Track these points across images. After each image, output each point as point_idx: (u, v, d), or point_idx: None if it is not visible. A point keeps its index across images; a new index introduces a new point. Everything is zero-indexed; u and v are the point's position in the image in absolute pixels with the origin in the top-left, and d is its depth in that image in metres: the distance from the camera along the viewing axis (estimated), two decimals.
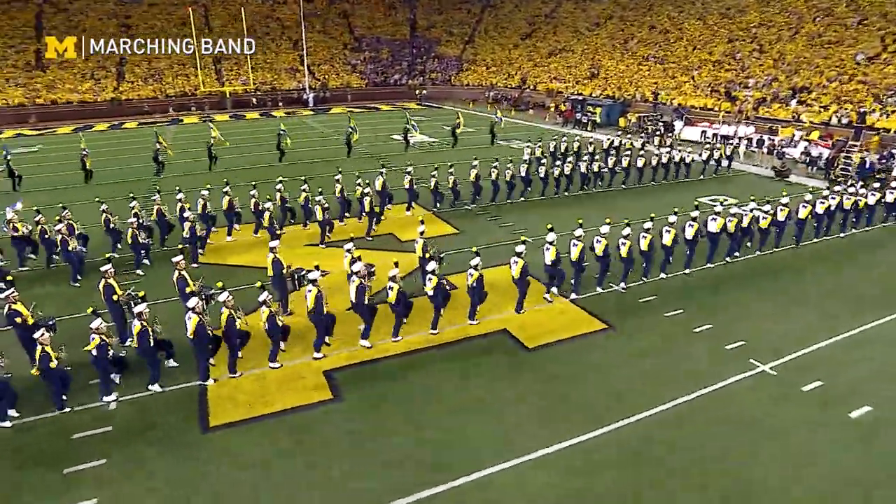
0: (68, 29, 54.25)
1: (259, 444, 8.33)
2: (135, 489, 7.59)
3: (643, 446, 7.98)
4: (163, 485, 7.65)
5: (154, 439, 8.49)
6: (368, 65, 60.98)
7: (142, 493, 7.54)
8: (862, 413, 8.51)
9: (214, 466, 7.94)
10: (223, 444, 8.39)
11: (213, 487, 7.55)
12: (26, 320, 10.05)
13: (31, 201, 19.87)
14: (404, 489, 7.34)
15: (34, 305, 10.44)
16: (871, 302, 11.99)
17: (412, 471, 7.66)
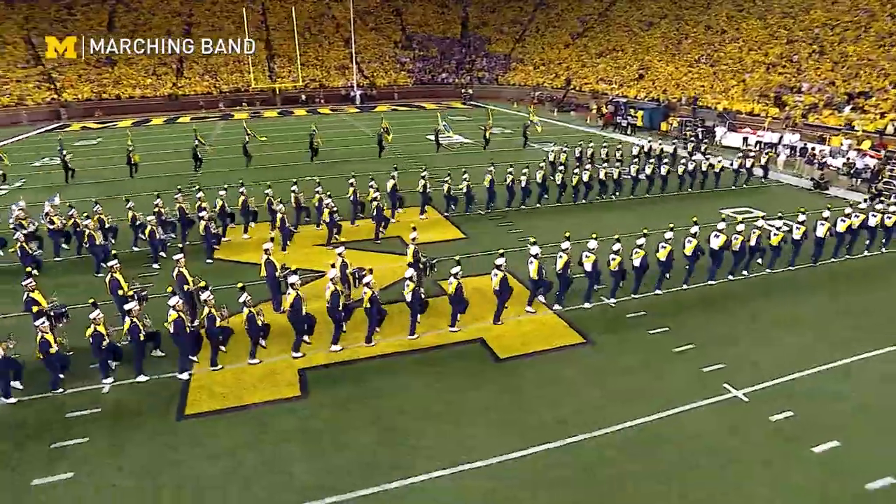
0: (136, 27, 57.72)
1: (225, 434, 8.89)
2: (108, 467, 8.29)
3: (594, 464, 8.01)
4: (133, 465, 8.33)
5: (134, 423, 9.21)
6: (417, 63, 61.65)
7: (113, 471, 8.22)
8: (826, 448, 8.20)
9: (182, 452, 8.55)
10: (193, 432, 9.00)
11: (178, 471, 8.15)
12: (42, 307, 11.01)
13: (82, 193, 21.51)
14: (347, 487, 7.68)
15: (54, 294, 11.41)
16: (867, 332, 11.37)
17: (359, 470, 8.01)
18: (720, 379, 9.85)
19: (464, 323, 11.78)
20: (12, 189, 23.39)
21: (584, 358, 10.71)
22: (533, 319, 12.07)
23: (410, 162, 26.98)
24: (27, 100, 45.27)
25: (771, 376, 9.89)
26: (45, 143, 35.75)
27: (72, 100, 46.77)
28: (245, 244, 16.64)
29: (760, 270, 14.43)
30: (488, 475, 7.87)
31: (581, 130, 36.88)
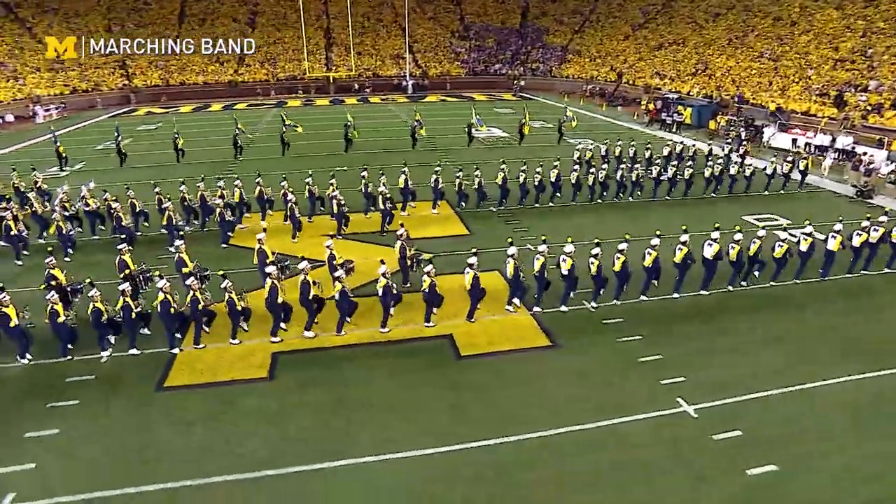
0: (206, 16, 60.81)
1: (193, 407, 9.75)
2: (90, 426, 9.34)
3: (517, 465, 8.27)
4: (112, 426, 9.34)
5: (120, 390, 10.23)
6: (472, 53, 61.63)
7: (94, 430, 9.29)
8: (760, 472, 8.06)
9: (153, 419, 9.48)
10: (167, 402, 9.92)
11: (146, 436, 9.08)
12: (60, 283, 12.26)
13: (133, 176, 23.24)
14: (286, 463, 8.32)
15: (66, 272, 12.67)
16: (847, 355, 10.84)
17: (301, 449, 8.64)
18: (675, 393, 9.78)
19: (439, 319, 12.15)
20: (73, 171, 25.53)
21: (546, 361, 10.87)
22: (506, 319, 12.29)
23: (442, 155, 27.38)
24: (102, 85, 48.81)
25: (729, 394, 9.71)
26: (110, 127, 38.54)
27: (141, 85, 50.00)
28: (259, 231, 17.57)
29: (764, 282, 13.90)
30: (413, 465, 8.28)
31: (624, 127, 36.00)
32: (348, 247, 16.01)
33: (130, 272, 12.52)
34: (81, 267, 14.60)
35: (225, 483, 8.07)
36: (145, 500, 7.85)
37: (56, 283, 12.14)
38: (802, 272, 14.12)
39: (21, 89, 43.79)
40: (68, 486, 8.13)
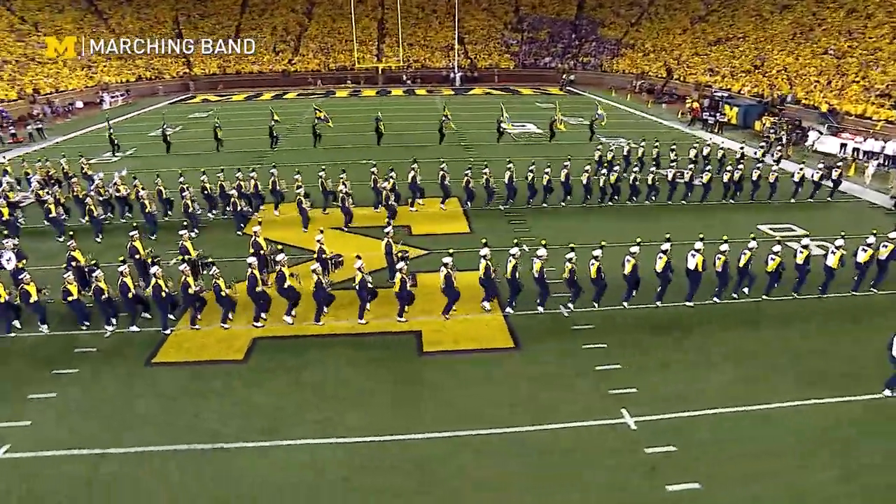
0: (266, 6, 63.22)
1: (170, 382, 10.77)
2: (83, 393, 10.52)
3: (440, 461, 8.68)
4: (102, 393, 10.48)
5: (115, 363, 11.38)
6: (524, 45, 61.17)
7: (86, 395, 10.45)
8: (681, 489, 8.13)
9: (135, 390, 10.55)
10: (151, 376, 10.98)
11: (125, 404, 10.14)
12: (80, 264, 13.57)
13: (175, 163, 24.89)
14: (232, 439, 9.13)
15: (91, 255, 13.98)
16: (813, 379, 10.48)
17: (249, 426, 9.44)
18: (622, 403, 9.88)
19: (414, 315, 12.68)
20: (124, 157, 27.55)
21: (504, 362, 11.20)
22: (477, 319, 12.65)
23: (469, 151, 27.73)
24: (165, 74, 51.85)
25: (676, 409, 9.71)
26: (167, 114, 40.98)
27: (200, 74, 52.72)
28: (274, 221, 18.62)
29: (756, 296, 13.53)
30: (345, 451, 8.89)
31: (664, 126, 35.04)
32: (351, 240, 16.77)
33: (141, 257, 13.68)
34: (108, 248, 16.01)
35: (183, 451, 8.96)
36: (119, 458, 8.85)
37: (76, 263, 13.46)
38: (801, 288, 13.66)
39: (92, 77, 47.21)
40: (56, 442, 9.24)
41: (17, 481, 8.51)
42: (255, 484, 8.32)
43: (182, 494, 8.20)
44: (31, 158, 24.74)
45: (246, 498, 8.10)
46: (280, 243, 14.50)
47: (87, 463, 8.83)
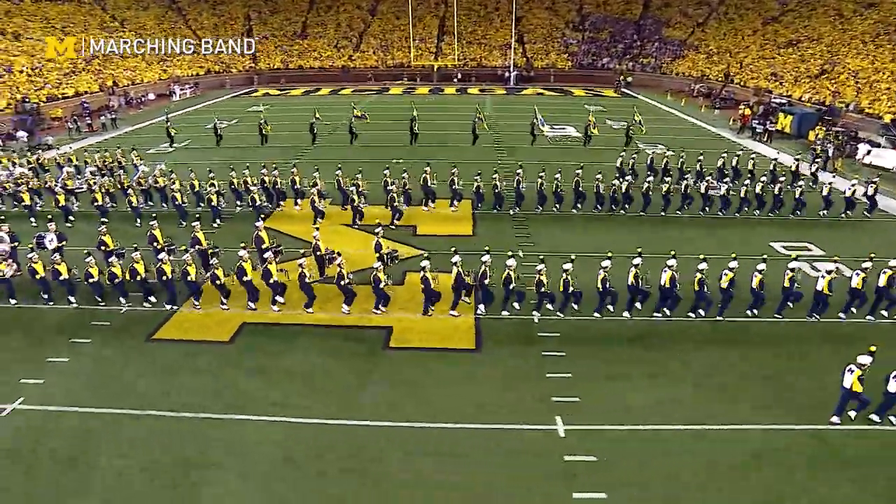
0: (332, 4, 65.57)
1: (161, 357, 12.18)
2: (91, 360, 12.08)
3: (365, 449, 9.45)
4: (106, 361, 12.04)
5: (122, 337, 12.93)
6: (583, 45, 60.34)
7: (94, 363, 12.03)
8: (587, 497, 8.51)
9: (130, 362, 12.02)
10: (148, 350, 12.44)
11: (121, 372, 11.63)
12: (108, 247, 15.30)
13: (221, 156, 26.86)
14: (197, 409, 10.34)
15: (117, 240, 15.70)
16: (769, 404, 10.38)
17: (213, 399, 10.64)
18: (558, 411, 10.24)
19: (394, 310, 13.53)
20: (179, 148, 29.90)
21: (461, 362, 11.83)
22: (451, 320, 13.30)
23: (501, 153, 28.18)
24: (232, 67, 55.06)
25: (611, 422, 9.97)
26: (228, 107, 43.71)
27: (265, 68, 55.60)
28: (294, 216, 19.92)
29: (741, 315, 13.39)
30: (291, 430, 9.89)
31: (710, 134, 33.96)
32: (356, 237, 17.77)
33: (159, 244, 15.23)
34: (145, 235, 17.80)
35: (159, 417, 10.26)
36: (111, 418, 10.26)
37: (104, 247, 15.19)
38: (783, 309, 13.42)
39: (167, 70, 50.93)
40: (61, 400, 10.79)
41: (24, 429, 10.07)
42: (209, 449, 9.46)
43: (149, 451, 9.45)
44: (95, 148, 27.33)
45: (198, 459, 9.25)
46: (292, 237, 15.59)
47: (80, 419, 10.28)
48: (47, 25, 47.36)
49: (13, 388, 11.11)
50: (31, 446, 9.69)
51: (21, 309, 14.14)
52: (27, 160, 23.50)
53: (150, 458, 9.36)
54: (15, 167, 22.32)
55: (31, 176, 21.03)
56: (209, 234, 17.89)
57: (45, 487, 8.86)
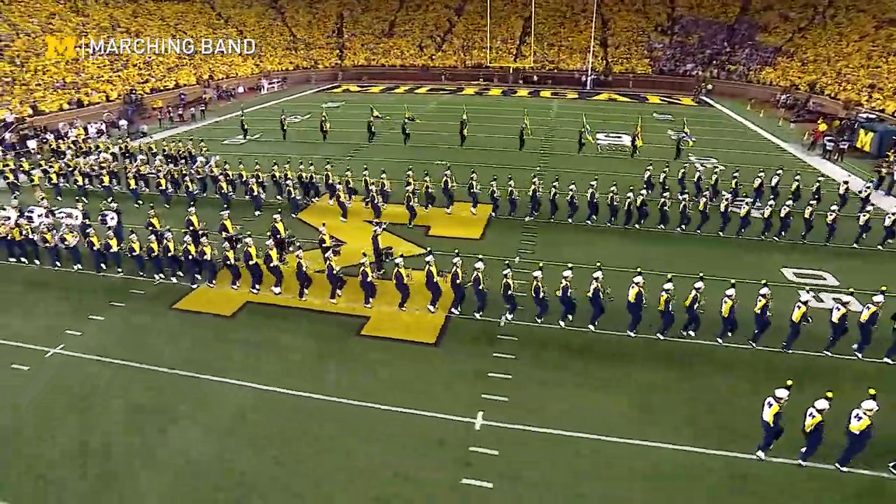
0: (421, 3, 67.79)
1: (174, 323, 14.45)
2: (120, 320, 14.59)
3: (307, 417, 11.01)
4: (134, 323, 14.47)
5: (150, 304, 15.37)
6: (668, 50, 58.45)
7: (122, 322, 14.48)
8: (471, 483, 9.37)
9: (152, 323, 14.37)
10: (169, 317, 14.74)
11: (148, 333, 13.97)
12: (155, 228, 17.92)
13: (285, 149, 29.57)
14: (191, 369, 12.38)
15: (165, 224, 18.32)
16: (689, 427, 10.66)
17: (200, 363, 12.63)
18: (483, 407, 11.17)
19: (379, 304, 14.99)
20: (250, 140, 33.06)
21: (417, 354, 13.04)
22: (423, 315, 14.53)
23: (544, 160, 28.77)
24: (320, 64, 58.78)
25: (527, 423, 10.76)
26: (305, 102, 46.95)
27: (349, 65, 58.84)
28: (326, 209, 21.84)
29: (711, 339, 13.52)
30: (255, 395, 11.62)
31: (776, 150, 32.32)
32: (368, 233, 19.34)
33: (195, 228, 17.61)
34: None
35: (156, 371, 12.45)
36: (121, 368, 12.59)
37: (151, 227, 17.81)
38: (759, 339, 13.35)
39: (259, 65, 55.40)
40: (91, 349, 13.26)
41: (59, 368, 12.58)
42: (185, 401, 11.48)
43: (139, 396, 11.64)
44: (176, 138, 30.92)
45: (173, 408, 11.29)
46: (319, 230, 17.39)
47: (100, 365, 12.67)
48: (163, 24, 53.15)
49: (58, 336, 13.76)
50: (62, 382, 12.13)
51: (81, 273, 17.05)
52: (119, 147, 27.28)
53: (138, 402, 11.49)
54: (100, 153, 26.04)
55: (111, 161, 24.52)
56: (249, 222, 20.20)
57: (59, 415, 11.17)
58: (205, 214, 18.94)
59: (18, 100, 33.57)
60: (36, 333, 13.93)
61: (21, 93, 34.53)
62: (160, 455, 10.16)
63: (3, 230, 17.03)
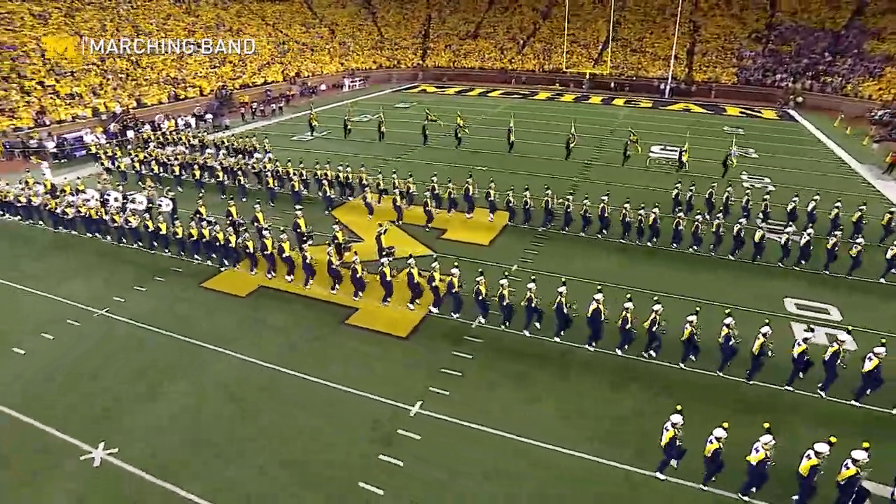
0: (509, 6, 68.64)
1: (196, 298, 16.90)
2: (159, 294, 17.25)
3: (280, 388, 12.86)
4: (168, 296, 17.08)
5: (185, 282, 17.97)
6: (759, 58, 55.40)
7: (158, 294, 17.17)
8: (385, 459, 10.83)
9: (181, 298, 16.90)
10: (197, 294, 17.23)
11: (178, 305, 16.51)
12: (201, 215, 20.66)
13: (345, 148, 32.07)
14: (199, 338, 14.67)
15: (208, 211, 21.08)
16: (608, 441, 11.29)
17: (211, 334, 14.83)
18: (423, 397, 12.45)
19: (368, 296, 16.66)
20: (317, 137, 35.89)
21: (385, 344, 14.49)
22: (404, 311, 15.99)
23: (586, 171, 29.14)
24: (402, 63, 61.41)
25: (456, 415, 11.95)
26: (380, 101, 49.49)
27: (430, 65, 60.98)
28: (357, 208, 23.80)
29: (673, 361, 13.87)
30: (241, 366, 13.62)
31: (842, 171, 30.34)
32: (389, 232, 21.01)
33: (233, 219, 20.14)
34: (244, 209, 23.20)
35: (170, 336, 14.90)
36: (145, 331, 15.15)
37: (198, 215, 20.54)
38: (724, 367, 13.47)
39: (345, 63, 58.88)
40: (128, 315, 15.97)
41: (101, 327, 15.37)
42: (180, 364, 13.76)
43: (149, 357, 14.06)
44: (251, 133, 34.32)
45: (169, 369, 13.57)
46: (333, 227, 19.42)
47: (129, 328, 15.33)
48: (262, 23, 57.96)
49: (106, 301, 16.63)
50: (99, 337, 14.87)
51: (138, 251, 20.09)
52: (198, 139, 30.94)
53: (151, 359, 13.94)
54: (177, 145, 29.68)
55: (183, 152, 27.98)
56: (287, 215, 22.50)
57: (93, 362, 13.87)
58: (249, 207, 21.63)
59: (127, 93, 38.59)
60: (90, 296, 16.90)
61: (131, 87, 39.63)
62: (158, 399, 12.58)
63: (84, 209, 20.40)
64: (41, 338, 14.88)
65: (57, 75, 36.51)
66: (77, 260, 19.54)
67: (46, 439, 11.54)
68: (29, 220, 22.52)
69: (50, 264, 19.25)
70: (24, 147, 30.29)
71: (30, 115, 32.51)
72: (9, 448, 11.38)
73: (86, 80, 37.60)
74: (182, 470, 10.72)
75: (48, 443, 11.44)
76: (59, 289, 17.37)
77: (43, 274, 18.46)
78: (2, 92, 32.84)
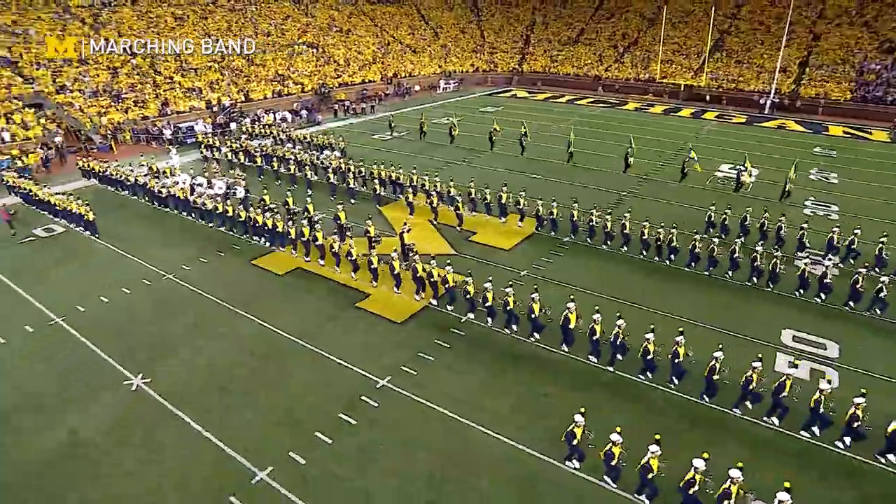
0: (614, 11, 67.84)
1: (249, 274, 20.10)
2: (215, 265, 20.78)
3: (284, 354, 15.45)
4: (221, 268, 20.55)
5: (241, 257, 21.37)
6: (885, 73, 50.72)
7: (216, 266, 20.69)
8: (344, 418, 13.04)
9: (234, 271, 20.26)
10: (246, 269, 20.49)
11: (234, 277, 19.83)
12: (265, 203, 24.14)
13: (418, 149, 34.69)
14: (235, 304, 17.82)
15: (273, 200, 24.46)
16: (538, 432, 12.56)
17: (246, 300, 17.91)
18: (391, 373, 14.42)
19: (382, 284, 18.98)
20: (393, 137, 38.80)
21: (380, 326, 16.64)
22: (410, 300, 18.05)
23: (640, 186, 29.47)
24: (499, 67, 63.11)
25: (415, 394, 13.71)
26: (467, 104, 51.48)
27: (526, 70, 62.11)
28: (401, 206, 26.12)
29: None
30: (262, 330, 16.41)
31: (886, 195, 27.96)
32: (423, 230, 23.22)
33: (288, 206, 23.32)
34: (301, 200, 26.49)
35: (207, 298, 18.21)
36: (193, 294, 18.57)
37: (263, 202, 23.98)
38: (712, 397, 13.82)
39: (443, 66, 61.63)
40: (187, 280, 19.53)
41: (162, 289, 19.03)
42: (201, 323, 16.90)
43: (182, 314, 17.35)
44: (327, 131, 37.81)
45: (189, 327, 16.71)
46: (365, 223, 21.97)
47: (188, 292, 18.79)
48: (371, 24, 62.30)
49: (175, 268, 20.37)
50: (160, 297, 18.52)
51: (213, 229, 23.88)
52: (286, 133, 35.01)
53: (196, 317, 17.24)
54: (265, 138, 33.80)
55: (268, 145, 31.95)
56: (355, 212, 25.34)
57: (151, 314, 17.45)
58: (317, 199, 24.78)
59: (237, 88, 43.99)
60: (163, 262, 20.74)
61: (242, 83, 45.05)
62: (191, 347, 15.79)
63: (174, 190, 24.63)
64: (121, 291, 18.78)
65: (183, 71, 42.56)
66: (161, 231, 23.74)
67: (104, 365, 15.05)
68: (134, 196, 27.36)
69: (139, 233, 23.55)
70: (148, 134, 36.22)
71: (156, 106, 38.46)
72: (75, 367, 14.99)
73: (206, 76, 43.40)
74: (196, 404, 13.62)
75: (105, 368, 14.94)
76: (142, 254, 21.42)
77: (133, 239, 22.73)
78: (139, 86, 39.12)
